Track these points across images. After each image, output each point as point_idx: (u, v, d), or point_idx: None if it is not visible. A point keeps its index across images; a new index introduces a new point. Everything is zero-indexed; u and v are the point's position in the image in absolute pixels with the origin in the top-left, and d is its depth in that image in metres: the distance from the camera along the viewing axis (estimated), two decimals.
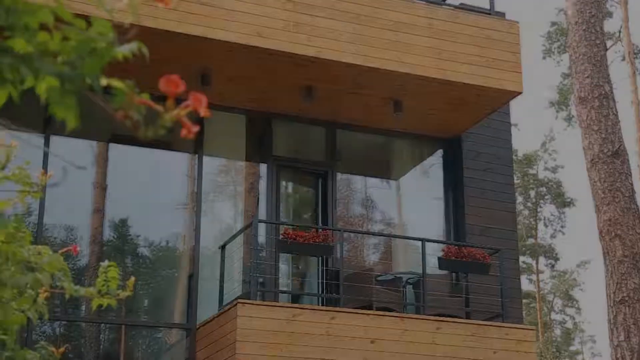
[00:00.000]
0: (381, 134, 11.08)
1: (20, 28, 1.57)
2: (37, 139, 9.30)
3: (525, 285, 39.73)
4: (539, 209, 40.10)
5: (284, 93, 10.04)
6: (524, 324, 10.66)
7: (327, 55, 9.31)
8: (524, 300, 36.58)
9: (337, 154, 10.80)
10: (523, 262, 38.90)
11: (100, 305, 2.78)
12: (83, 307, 9.58)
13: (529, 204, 40.20)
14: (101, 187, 9.94)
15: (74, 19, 1.58)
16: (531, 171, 40.34)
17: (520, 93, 10.14)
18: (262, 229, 9.88)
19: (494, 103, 10.37)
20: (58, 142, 9.37)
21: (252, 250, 8.98)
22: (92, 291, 2.62)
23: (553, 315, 41.61)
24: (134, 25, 1.61)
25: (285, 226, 9.73)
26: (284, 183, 10.67)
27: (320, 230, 9.61)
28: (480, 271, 9.88)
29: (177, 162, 10.35)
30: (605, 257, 11.55)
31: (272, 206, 10.23)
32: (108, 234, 10.02)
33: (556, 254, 40.24)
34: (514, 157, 37.31)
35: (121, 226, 10.07)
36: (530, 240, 39.89)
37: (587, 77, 12.23)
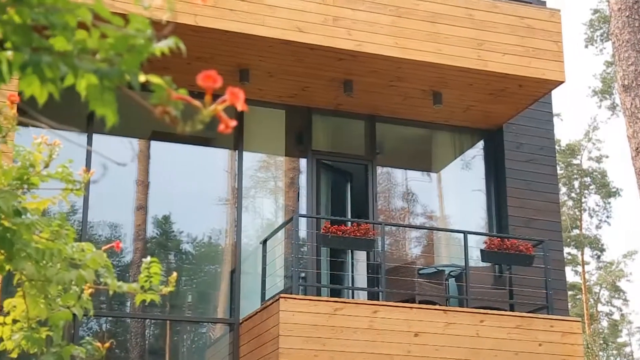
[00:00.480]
0: (421, 126, 11.02)
1: (60, 26, 1.58)
2: (81, 138, 9.42)
3: (571, 276, 39.27)
4: (583, 200, 39.57)
5: (323, 87, 10.04)
6: (569, 315, 10.53)
7: (367, 48, 9.28)
8: (569, 292, 36.13)
9: (377, 147, 10.77)
10: (568, 253, 38.44)
11: (144, 301, 2.80)
12: (128, 303, 9.70)
13: (573, 195, 39.69)
14: (144, 184, 10.04)
15: (111, 16, 1.59)
16: (575, 161, 39.81)
17: (562, 82, 10.01)
18: (303, 223, 9.90)
19: (536, 93, 10.25)
20: (101, 141, 9.48)
21: (293, 245, 9.00)
22: (135, 287, 2.64)
23: (600, 307, 41.07)
24: (172, 22, 1.62)
25: (325, 220, 9.73)
26: (324, 177, 10.67)
27: (361, 224, 9.59)
28: (524, 263, 9.78)
29: (218, 158, 10.42)
30: None
31: (312, 200, 10.25)
32: (151, 230, 10.12)
33: (602, 245, 39.69)
34: (557, 148, 36.85)
35: (164, 223, 10.17)
36: (575, 231, 39.39)
37: (631, 64, 12.03)
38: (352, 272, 10.29)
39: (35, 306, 2.68)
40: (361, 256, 10.16)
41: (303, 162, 10.51)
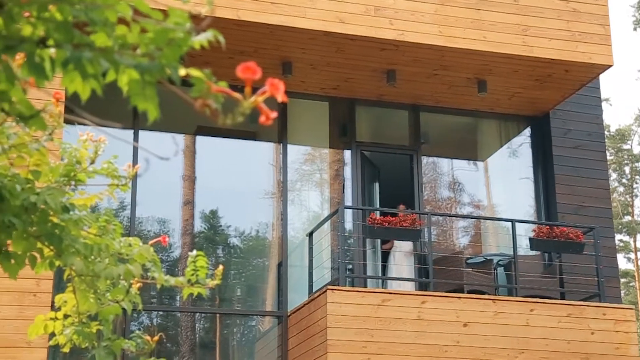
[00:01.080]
0: (466, 114, 10.92)
1: (101, 22, 1.59)
2: (127, 134, 9.53)
3: (623, 264, 38.61)
4: (635, 185, 38.86)
5: (366, 78, 10.00)
6: (622, 303, 10.36)
7: (410, 37, 9.22)
8: (622, 280, 35.53)
9: (421, 136, 10.71)
10: (620, 240, 37.81)
11: (192, 294, 2.82)
12: (178, 297, 9.80)
13: (624, 181, 39.00)
14: (190, 179, 10.13)
15: (151, 10, 1.59)
16: (625, 146, 39.11)
17: (610, 66, 9.83)
18: (348, 215, 9.89)
19: (583, 78, 10.08)
20: (147, 137, 9.57)
21: (339, 237, 8.99)
22: (182, 280, 2.66)
23: None
24: (214, 17, 1.62)
25: (371, 211, 9.71)
26: (368, 168, 10.64)
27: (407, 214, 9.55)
28: (574, 250, 9.65)
29: (263, 151, 10.46)
30: None
31: (358, 192, 10.23)
32: (199, 225, 10.21)
33: None
34: (606, 133, 36.21)
35: (211, 217, 10.25)
36: (627, 218, 38.71)
37: None
38: (380, 262, 10.27)
39: (85, 301, 2.71)
40: (401, 246, 10.07)
41: (347, 153, 10.49)
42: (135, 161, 8.71)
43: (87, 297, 2.72)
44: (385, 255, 10.23)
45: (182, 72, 1.56)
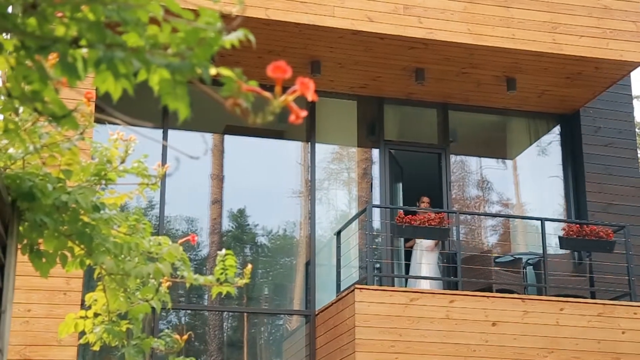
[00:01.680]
0: (495, 113, 10.85)
1: (133, 22, 1.60)
2: (156, 133, 9.59)
3: None
4: None
5: (394, 77, 9.97)
6: None
7: (439, 36, 9.17)
8: None
9: (450, 135, 10.66)
10: None
11: (220, 293, 2.83)
12: (206, 296, 9.84)
13: None
14: (218, 178, 10.16)
15: (182, 10, 1.60)
16: None
17: None
18: (376, 214, 9.87)
19: (614, 75, 9.97)
20: (176, 136, 9.63)
21: (367, 236, 8.97)
22: (211, 279, 2.67)
23: None
24: (242, 16, 1.62)
25: (399, 210, 9.67)
26: (397, 167, 10.61)
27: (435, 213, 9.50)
28: (604, 249, 9.55)
29: (291, 150, 10.47)
30: None
31: (386, 191, 10.20)
32: (227, 224, 10.24)
33: None
34: (637, 131, 35.79)
35: (239, 216, 10.28)
36: None
37: None
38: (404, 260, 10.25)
39: (115, 300, 2.73)
40: (422, 243, 10.02)
41: (375, 152, 10.47)
42: (164, 160, 8.76)
43: (117, 295, 2.74)
44: (408, 253, 10.20)
45: (213, 71, 1.56)
